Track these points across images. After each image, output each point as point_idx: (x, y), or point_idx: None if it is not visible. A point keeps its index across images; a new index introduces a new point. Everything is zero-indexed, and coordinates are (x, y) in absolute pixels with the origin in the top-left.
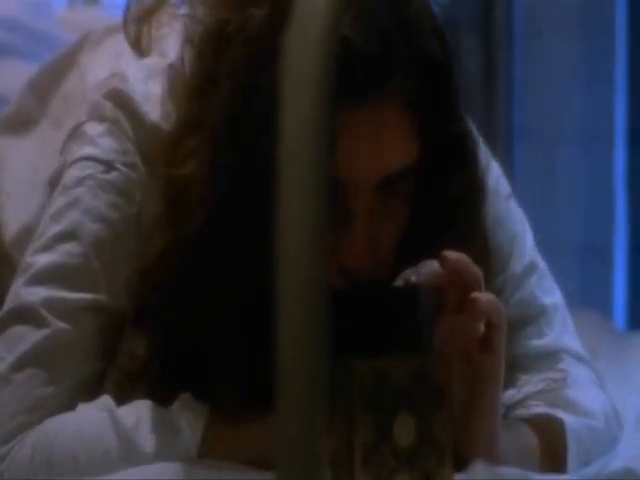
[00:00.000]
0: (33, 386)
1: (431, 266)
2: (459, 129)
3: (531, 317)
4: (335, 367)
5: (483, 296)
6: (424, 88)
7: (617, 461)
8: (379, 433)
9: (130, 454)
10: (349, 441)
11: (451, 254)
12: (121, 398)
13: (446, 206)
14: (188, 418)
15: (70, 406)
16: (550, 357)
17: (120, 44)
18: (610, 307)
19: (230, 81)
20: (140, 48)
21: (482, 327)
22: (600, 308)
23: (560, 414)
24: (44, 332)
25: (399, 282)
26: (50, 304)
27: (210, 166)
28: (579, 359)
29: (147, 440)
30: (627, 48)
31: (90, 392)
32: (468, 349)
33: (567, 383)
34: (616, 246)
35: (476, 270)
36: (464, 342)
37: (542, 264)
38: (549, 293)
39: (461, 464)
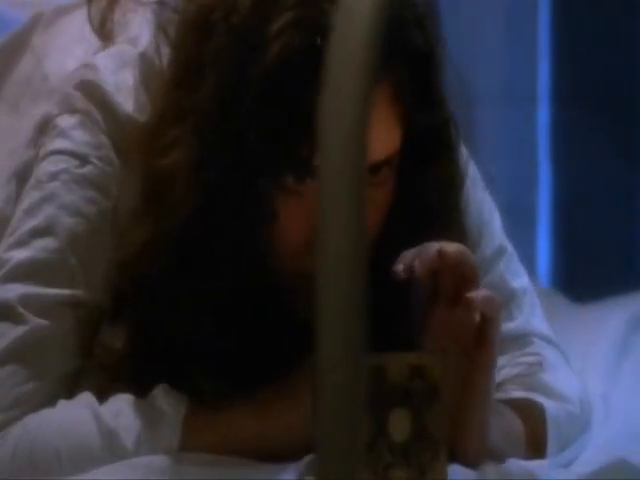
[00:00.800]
0: (13, 384)
1: (431, 251)
2: (441, 117)
3: (501, 301)
4: None
5: (480, 291)
6: (409, 76)
7: (590, 444)
8: (376, 429)
9: (113, 448)
10: None
11: (450, 246)
12: (100, 392)
13: (427, 192)
14: (168, 410)
15: (50, 402)
16: (520, 340)
17: (76, 27)
18: (534, 266)
19: (217, 71)
20: (104, 34)
21: (477, 318)
22: (524, 267)
23: (539, 399)
24: (22, 329)
25: (399, 264)
26: (27, 300)
27: (197, 157)
28: (548, 342)
29: (129, 434)
30: (550, 7)
31: (69, 388)
32: (464, 342)
33: (543, 367)
34: (540, 206)
35: (473, 263)
36: (460, 335)
37: (510, 248)
38: (517, 276)
39: (452, 454)
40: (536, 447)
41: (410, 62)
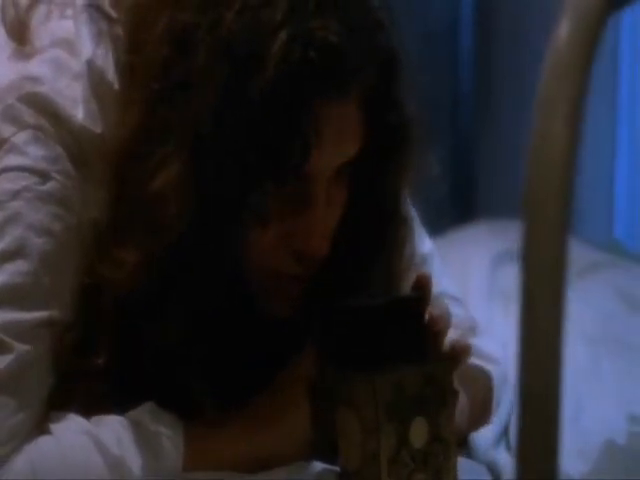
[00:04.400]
0: (5, 417)
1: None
2: (403, 116)
3: (417, 266)
4: (352, 384)
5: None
6: (377, 80)
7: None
8: (399, 440)
9: (122, 477)
10: (375, 452)
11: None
12: (83, 409)
13: (383, 189)
14: (166, 433)
15: (39, 425)
16: (434, 301)
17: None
18: None
19: (209, 88)
20: (24, 39)
21: None
22: None
23: (487, 366)
24: (7, 358)
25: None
26: (7, 327)
27: (191, 175)
28: (456, 300)
29: (135, 463)
30: None
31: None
32: None
33: (475, 332)
34: None
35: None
36: None
37: (414, 213)
38: (424, 241)
39: None
40: (483, 412)
41: (378, 66)
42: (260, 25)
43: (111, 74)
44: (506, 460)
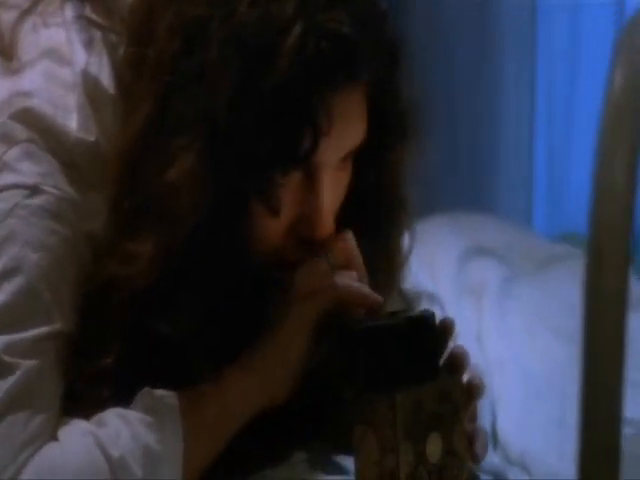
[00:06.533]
0: (17, 432)
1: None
2: (403, 107)
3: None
4: (372, 404)
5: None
6: (382, 72)
7: None
8: (417, 456)
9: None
10: (393, 470)
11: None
12: (88, 414)
13: (384, 175)
14: (162, 404)
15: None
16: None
17: None
18: None
19: (224, 80)
20: (11, 55)
21: None
22: None
23: None
24: (12, 379)
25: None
26: (11, 348)
27: (206, 165)
28: (433, 298)
29: (136, 461)
30: None
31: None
32: None
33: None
34: None
35: None
36: None
37: None
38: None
39: None
40: None
41: (385, 56)
42: (273, 18)
43: (106, 80)
44: (515, 474)
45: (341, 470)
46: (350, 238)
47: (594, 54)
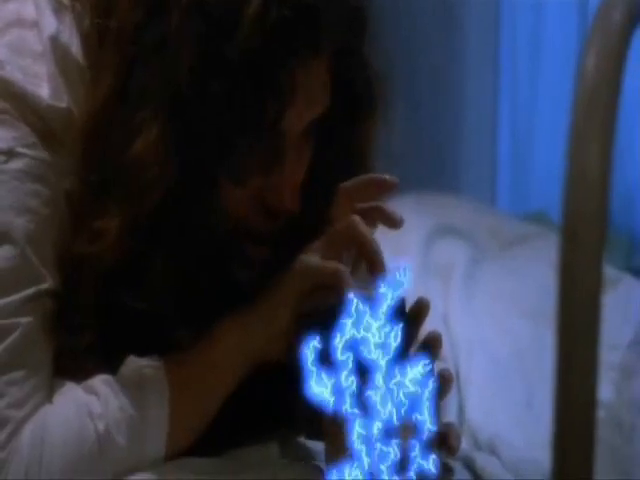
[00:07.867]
0: (19, 388)
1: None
2: (368, 75)
3: None
4: None
5: None
6: (346, 37)
7: None
8: None
9: (107, 451)
10: None
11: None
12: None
13: (349, 145)
14: (147, 371)
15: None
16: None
17: None
18: None
19: (187, 49)
20: None
21: None
22: None
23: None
24: (12, 336)
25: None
26: (3, 312)
27: (171, 136)
28: None
29: (121, 440)
30: None
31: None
32: None
33: None
34: None
35: None
36: None
37: None
38: None
39: None
40: None
41: (349, 24)
42: None
43: (75, 49)
44: (484, 459)
45: (310, 454)
46: (358, 223)
47: (558, 32)
